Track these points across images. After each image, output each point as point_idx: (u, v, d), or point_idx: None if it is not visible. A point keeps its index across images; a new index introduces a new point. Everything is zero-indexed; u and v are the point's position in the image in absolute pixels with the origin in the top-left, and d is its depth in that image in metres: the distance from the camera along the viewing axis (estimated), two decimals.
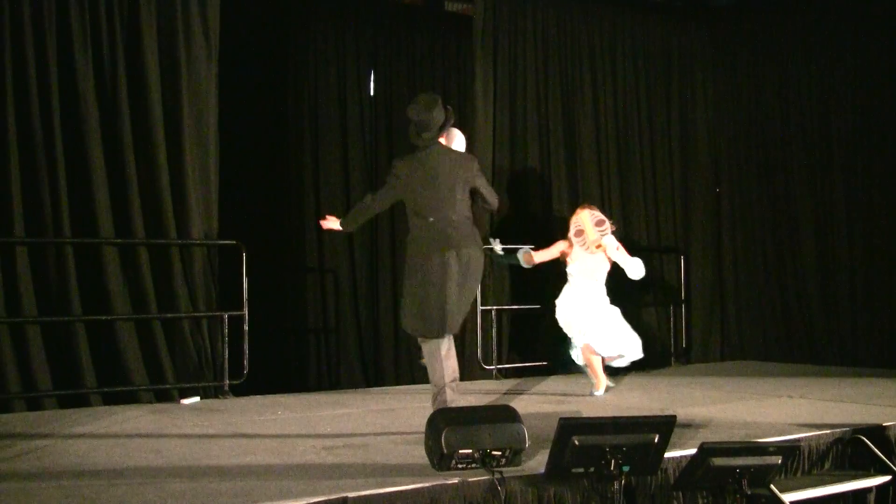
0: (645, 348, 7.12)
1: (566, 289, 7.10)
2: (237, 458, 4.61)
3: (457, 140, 5.73)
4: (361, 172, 9.54)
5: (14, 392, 6.34)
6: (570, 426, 3.81)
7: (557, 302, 7.11)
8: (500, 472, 4.02)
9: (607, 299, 7.08)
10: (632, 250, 7.75)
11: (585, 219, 7.02)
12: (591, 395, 6.94)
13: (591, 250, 6.96)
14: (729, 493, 4.02)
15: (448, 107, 5.61)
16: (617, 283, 7.20)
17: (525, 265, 7.17)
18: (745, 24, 10.14)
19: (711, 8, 10.29)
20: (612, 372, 7.37)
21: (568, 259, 7.08)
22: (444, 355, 5.30)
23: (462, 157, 5.57)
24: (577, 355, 7.11)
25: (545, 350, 9.05)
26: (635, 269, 6.99)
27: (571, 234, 7.06)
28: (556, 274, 9.23)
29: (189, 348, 7.11)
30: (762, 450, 4.09)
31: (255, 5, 8.86)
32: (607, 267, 7.06)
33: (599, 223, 7.01)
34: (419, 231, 5.44)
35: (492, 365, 8.50)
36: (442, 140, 5.55)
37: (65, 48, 6.75)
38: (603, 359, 7.01)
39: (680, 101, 10.14)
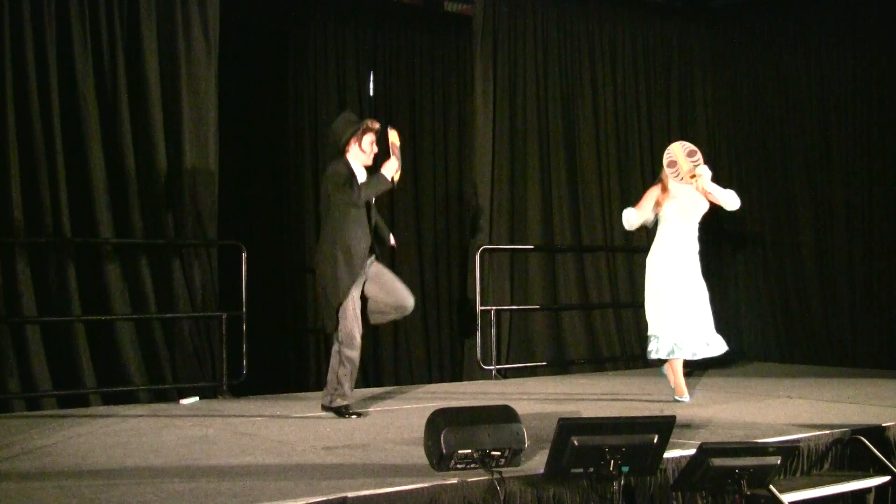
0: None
1: (659, 242, 6.64)
2: (236, 459, 4.61)
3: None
4: None
5: (14, 392, 6.35)
6: (569, 426, 3.80)
7: (649, 262, 6.67)
8: (500, 473, 4.02)
9: (698, 260, 6.61)
10: (631, 249, 7.76)
11: (677, 150, 6.64)
12: (676, 400, 6.58)
13: (686, 181, 6.54)
14: (728, 494, 4.02)
15: (359, 122, 6.13)
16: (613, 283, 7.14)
17: (629, 228, 6.85)
18: (745, 24, 10.14)
19: (711, 8, 10.29)
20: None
21: (661, 201, 6.63)
22: None
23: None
24: (657, 349, 6.57)
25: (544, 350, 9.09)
26: (731, 200, 6.61)
27: (665, 165, 6.62)
28: (554, 277, 9.29)
29: (188, 348, 7.12)
30: (761, 450, 4.09)
31: (255, 5, 8.86)
32: (704, 205, 6.62)
33: (691, 153, 6.60)
34: None
35: (491, 365, 8.51)
36: (349, 153, 6.02)
37: (65, 48, 6.75)
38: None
39: (680, 100, 10.14)
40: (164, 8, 7.17)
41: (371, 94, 9.70)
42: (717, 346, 6.53)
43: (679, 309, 6.48)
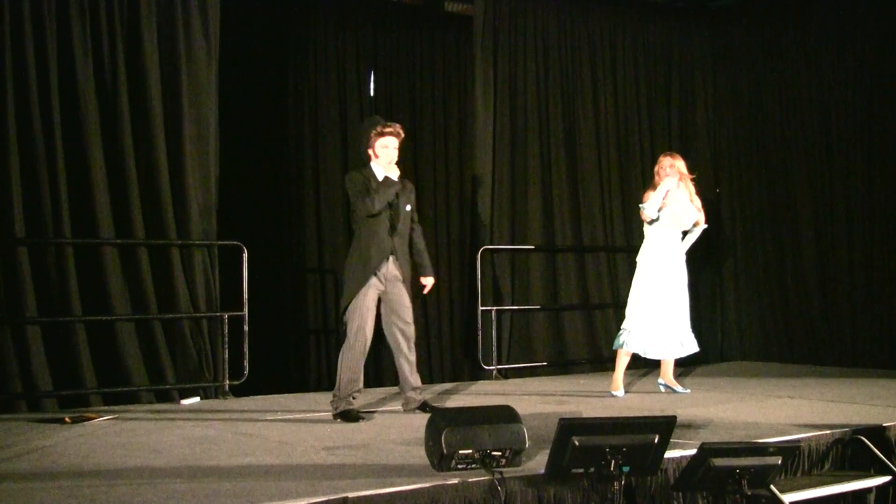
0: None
1: (649, 243, 7.04)
2: (237, 459, 4.61)
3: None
4: None
5: (14, 392, 6.35)
6: (569, 426, 3.81)
7: (639, 261, 7.07)
8: (500, 473, 4.02)
9: (684, 263, 7.10)
10: (631, 249, 7.83)
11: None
12: (610, 394, 6.98)
13: (686, 185, 7.07)
14: (729, 494, 4.02)
15: (377, 122, 6.17)
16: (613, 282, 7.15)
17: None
18: (745, 25, 10.13)
19: (712, 8, 10.29)
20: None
21: (662, 205, 7.02)
22: None
23: None
24: (627, 342, 6.96)
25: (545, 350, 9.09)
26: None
27: (678, 165, 7.05)
28: (554, 277, 9.29)
29: (189, 349, 7.12)
30: (762, 450, 4.09)
31: (255, 5, 8.86)
32: (695, 214, 7.08)
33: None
34: None
35: (492, 365, 8.51)
36: (372, 160, 6.05)
37: (65, 48, 6.75)
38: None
39: (680, 101, 10.14)
40: (165, 8, 7.17)
41: (371, 93, 9.69)
42: (690, 345, 7.03)
43: (655, 309, 6.89)
